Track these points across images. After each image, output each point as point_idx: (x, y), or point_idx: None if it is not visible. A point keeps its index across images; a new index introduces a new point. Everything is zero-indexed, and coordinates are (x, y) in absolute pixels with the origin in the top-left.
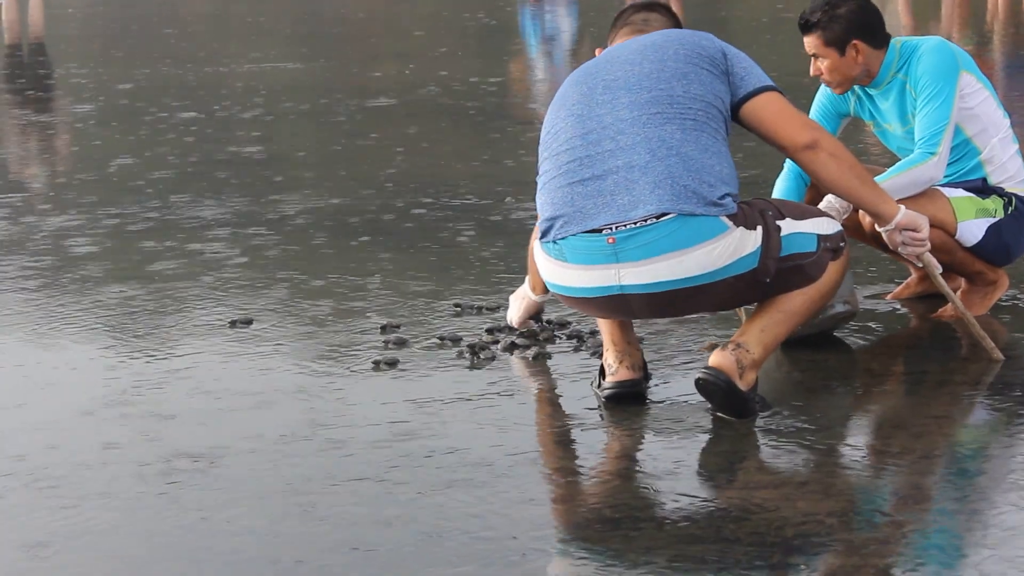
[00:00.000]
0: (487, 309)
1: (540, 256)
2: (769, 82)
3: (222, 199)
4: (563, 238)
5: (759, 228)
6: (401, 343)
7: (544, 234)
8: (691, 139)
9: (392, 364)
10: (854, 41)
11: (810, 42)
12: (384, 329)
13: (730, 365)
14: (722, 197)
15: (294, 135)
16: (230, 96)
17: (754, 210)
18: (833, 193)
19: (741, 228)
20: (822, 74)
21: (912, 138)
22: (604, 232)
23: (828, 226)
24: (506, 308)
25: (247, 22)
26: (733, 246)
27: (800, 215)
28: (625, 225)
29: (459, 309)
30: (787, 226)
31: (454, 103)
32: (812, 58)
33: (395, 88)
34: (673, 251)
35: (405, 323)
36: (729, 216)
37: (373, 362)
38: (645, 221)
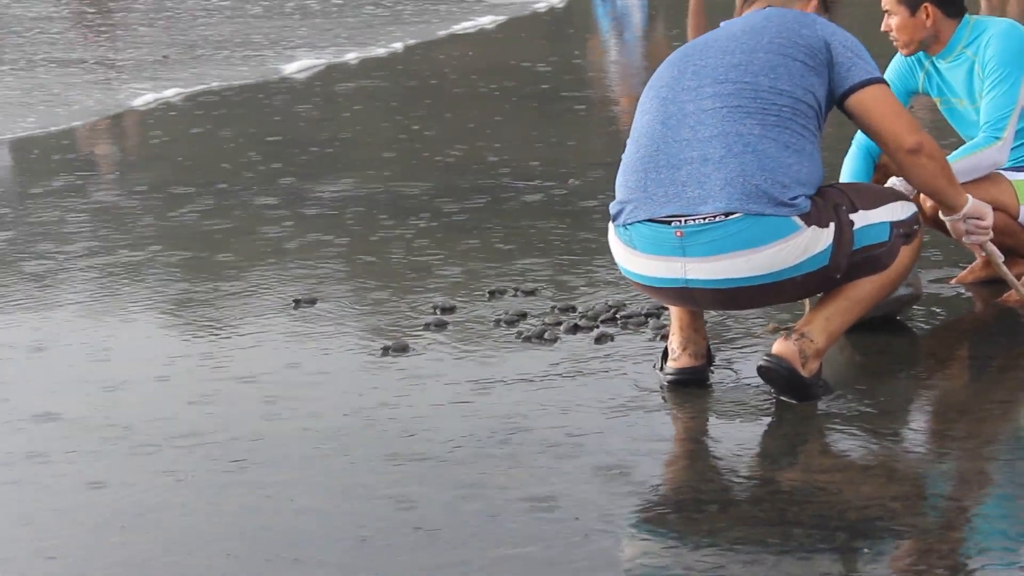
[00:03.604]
0: (550, 290)
1: (612, 239)
2: (875, 73)
3: (288, 180)
4: (631, 224)
5: (832, 225)
6: (441, 325)
7: (615, 217)
8: (771, 135)
9: (402, 349)
10: (926, 4)
11: None
12: (440, 310)
13: (792, 354)
14: (794, 197)
15: (357, 117)
16: (290, 78)
17: (827, 204)
18: (919, 190)
19: (813, 227)
20: (891, 31)
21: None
22: (672, 224)
23: (902, 210)
24: (569, 291)
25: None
26: (803, 245)
27: (873, 202)
28: (694, 219)
29: (526, 291)
30: (860, 219)
31: (519, 85)
32: (885, 14)
33: (460, 70)
34: (740, 250)
35: (468, 304)
36: (801, 215)
37: (383, 348)
38: (714, 217)
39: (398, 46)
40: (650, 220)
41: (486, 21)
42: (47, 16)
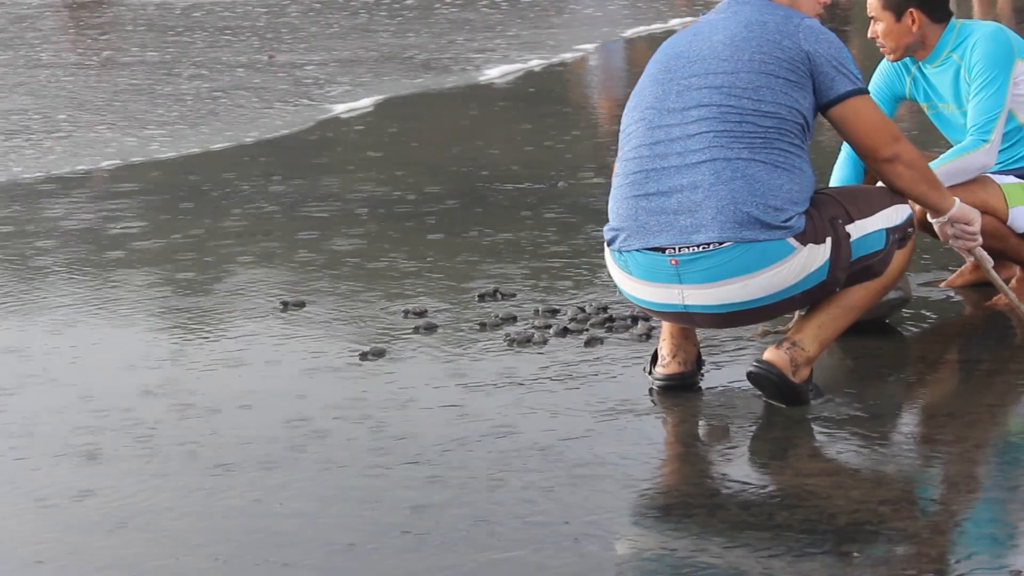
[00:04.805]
0: (540, 294)
1: (609, 262)
2: (857, 84)
3: (276, 181)
4: (627, 251)
5: (828, 240)
6: (431, 328)
7: (610, 242)
8: (759, 158)
9: (379, 355)
10: (911, 9)
11: (871, 3)
12: (406, 314)
13: (784, 363)
14: (787, 219)
15: (347, 117)
16: (283, 77)
17: (823, 218)
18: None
19: (809, 245)
20: (878, 37)
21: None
22: (667, 253)
23: (897, 214)
24: (558, 293)
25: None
26: (801, 264)
27: (869, 209)
28: (688, 248)
29: (515, 294)
30: (856, 229)
31: (506, 87)
32: (871, 20)
33: (448, 71)
34: (737, 276)
35: (456, 307)
36: (796, 236)
37: (360, 354)
38: (708, 246)
39: (589, 47)
40: (644, 248)
41: (676, 23)
42: (233, 25)
